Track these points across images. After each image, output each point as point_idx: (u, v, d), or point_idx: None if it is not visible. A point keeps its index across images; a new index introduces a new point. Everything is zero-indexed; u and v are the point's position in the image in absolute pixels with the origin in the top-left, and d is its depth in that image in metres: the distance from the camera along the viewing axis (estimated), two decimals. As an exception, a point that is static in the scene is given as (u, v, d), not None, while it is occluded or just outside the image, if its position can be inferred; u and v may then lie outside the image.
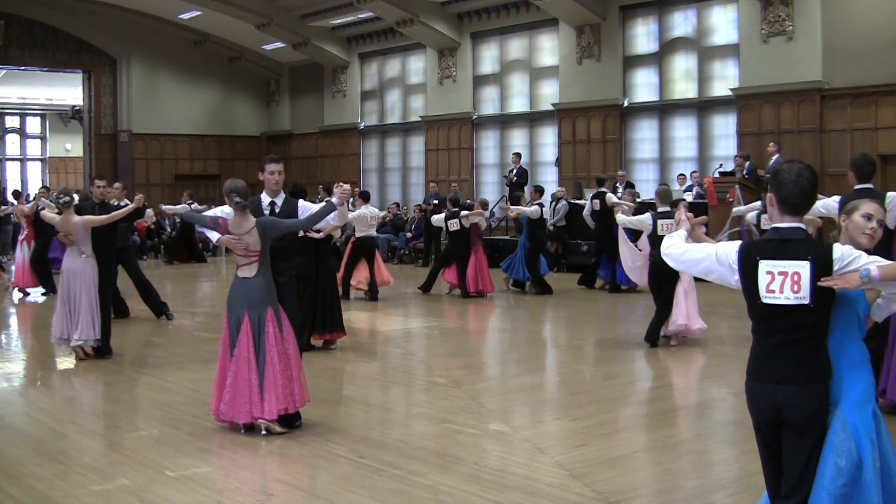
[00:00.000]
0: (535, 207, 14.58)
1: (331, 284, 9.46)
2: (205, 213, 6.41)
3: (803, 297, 3.41)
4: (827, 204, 6.76)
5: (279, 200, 6.59)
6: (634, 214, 11.28)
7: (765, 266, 3.49)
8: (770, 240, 3.55)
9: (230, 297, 6.11)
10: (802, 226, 3.54)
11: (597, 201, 14.91)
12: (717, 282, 3.72)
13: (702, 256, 3.74)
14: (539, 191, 15.67)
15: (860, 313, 3.54)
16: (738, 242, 3.64)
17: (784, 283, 3.44)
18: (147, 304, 11.81)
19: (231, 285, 6.14)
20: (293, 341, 6.16)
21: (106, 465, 5.46)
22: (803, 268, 3.42)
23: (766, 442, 3.61)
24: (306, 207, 6.56)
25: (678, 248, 3.89)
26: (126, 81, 26.35)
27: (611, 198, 14.56)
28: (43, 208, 13.34)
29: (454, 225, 14.00)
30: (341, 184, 6.46)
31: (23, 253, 14.56)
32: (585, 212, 15.69)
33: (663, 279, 9.12)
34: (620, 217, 10.63)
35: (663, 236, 9.50)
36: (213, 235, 6.20)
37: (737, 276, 3.59)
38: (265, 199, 6.56)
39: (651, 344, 9.31)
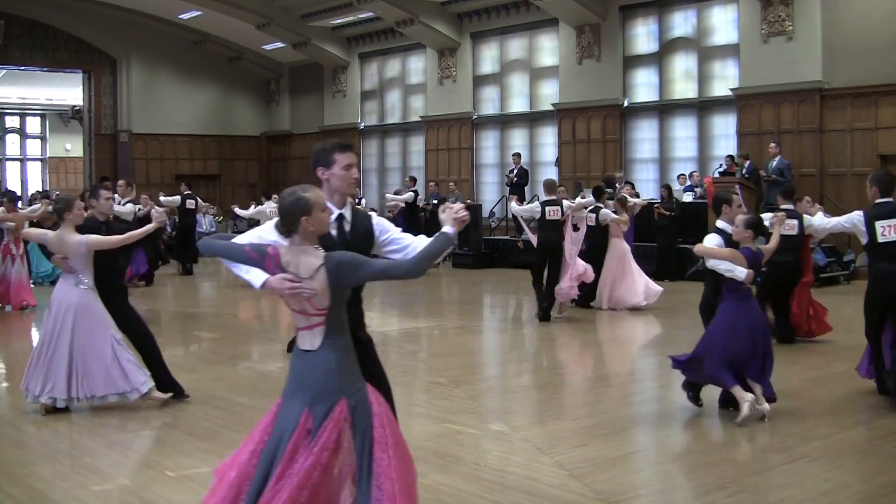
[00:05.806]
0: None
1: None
2: (240, 242, 3.77)
3: None
4: (851, 218, 6.69)
5: (348, 214, 4.06)
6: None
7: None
8: None
9: (289, 380, 3.66)
10: None
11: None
12: None
13: None
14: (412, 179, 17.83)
15: None
16: None
17: None
18: None
19: (291, 361, 3.69)
20: (400, 441, 3.63)
21: (106, 465, 5.46)
22: None
23: None
24: (384, 228, 4.08)
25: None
26: (126, 81, 26.35)
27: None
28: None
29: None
30: (451, 206, 3.71)
31: None
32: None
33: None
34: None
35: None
36: (256, 277, 3.65)
37: None
38: (332, 211, 3.95)
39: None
